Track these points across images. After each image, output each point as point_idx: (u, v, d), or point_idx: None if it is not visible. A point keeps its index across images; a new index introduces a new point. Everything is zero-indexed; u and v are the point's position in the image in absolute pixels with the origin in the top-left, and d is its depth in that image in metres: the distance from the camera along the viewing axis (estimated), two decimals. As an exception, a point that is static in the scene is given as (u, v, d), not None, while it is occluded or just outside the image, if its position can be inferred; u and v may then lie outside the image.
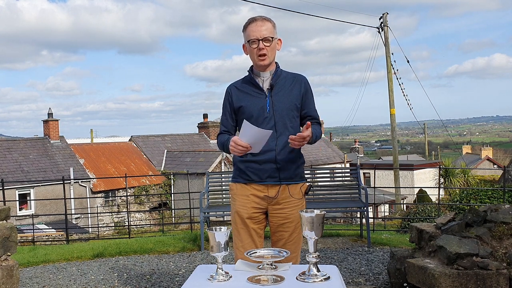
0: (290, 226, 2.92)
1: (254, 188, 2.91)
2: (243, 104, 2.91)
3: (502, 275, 3.45)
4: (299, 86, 2.94)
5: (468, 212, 3.94)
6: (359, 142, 52.12)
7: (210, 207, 6.43)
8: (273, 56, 2.92)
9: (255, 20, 2.88)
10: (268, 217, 2.97)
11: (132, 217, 21.03)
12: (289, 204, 2.91)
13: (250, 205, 2.90)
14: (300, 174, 2.97)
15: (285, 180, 2.90)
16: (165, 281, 4.90)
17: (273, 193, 2.89)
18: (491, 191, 9.10)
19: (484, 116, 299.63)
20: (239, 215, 2.92)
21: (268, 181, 2.88)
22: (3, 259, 3.78)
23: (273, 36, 2.87)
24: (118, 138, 33.23)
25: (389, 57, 20.07)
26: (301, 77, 3.00)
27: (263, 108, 2.87)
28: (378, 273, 4.93)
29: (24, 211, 19.93)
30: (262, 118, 2.86)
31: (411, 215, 12.13)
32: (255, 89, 2.92)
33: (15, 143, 22.13)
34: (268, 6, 19.02)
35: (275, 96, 2.88)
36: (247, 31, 2.89)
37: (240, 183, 2.95)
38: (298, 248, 2.98)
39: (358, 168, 6.78)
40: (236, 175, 2.98)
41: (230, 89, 3.00)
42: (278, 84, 2.91)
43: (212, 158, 22.74)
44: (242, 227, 2.91)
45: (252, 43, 2.85)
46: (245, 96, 2.92)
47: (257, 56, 2.86)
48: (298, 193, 2.95)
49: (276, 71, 2.94)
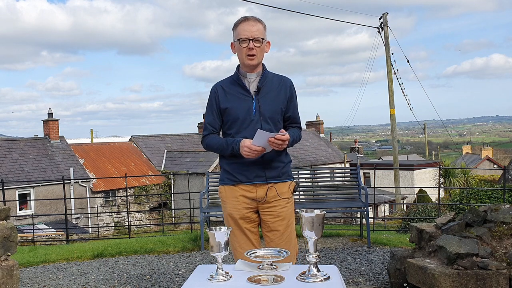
0: (281, 224, 2.93)
1: (242, 189, 2.91)
2: (229, 106, 2.89)
3: (502, 275, 3.45)
4: (285, 90, 2.95)
5: (468, 212, 3.94)
6: (359, 142, 52.10)
7: (210, 207, 6.43)
8: (261, 58, 2.91)
9: (247, 19, 2.87)
10: (260, 216, 2.98)
11: (132, 217, 21.04)
12: (278, 202, 2.93)
13: (240, 206, 2.91)
14: (287, 173, 2.98)
15: (272, 179, 2.91)
16: (165, 281, 4.90)
17: (261, 194, 2.90)
18: (491, 191, 9.09)
19: (484, 116, 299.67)
20: (232, 217, 2.93)
21: (256, 181, 2.89)
22: (3, 259, 3.78)
23: (264, 38, 2.87)
24: (118, 138, 33.24)
25: (389, 57, 20.06)
26: (287, 80, 3.00)
27: (249, 111, 2.86)
28: (378, 273, 4.93)
29: (24, 211, 19.93)
30: (249, 120, 2.86)
31: (411, 215, 12.13)
32: (241, 91, 2.91)
33: (15, 143, 22.13)
34: (268, 6, 19.01)
35: (262, 99, 2.88)
36: (237, 30, 2.87)
37: (228, 185, 2.95)
38: (292, 247, 2.95)
39: (358, 168, 6.78)
40: (223, 178, 2.98)
41: (216, 88, 2.97)
42: (265, 87, 2.90)
43: (212, 158, 22.74)
44: (236, 228, 2.93)
45: (243, 42, 2.84)
46: (231, 98, 2.91)
47: (246, 55, 2.84)
48: (287, 192, 2.97)
49: (263, 73, 2.93)
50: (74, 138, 32.35)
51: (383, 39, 20.15)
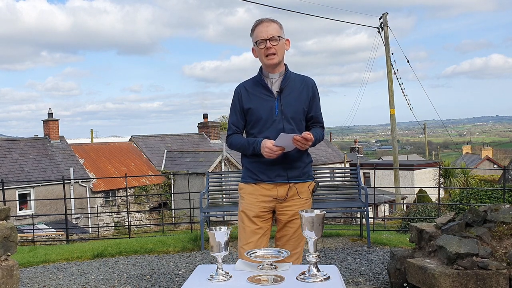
0: (296, 223, 2.95)
1: (263, 188, 2.93)
2: (252, 106, 2.92)
3: (502, 275, 3.45)
4: (307, 90, 2.96)
5: (468, 212, 3.94)
6: (359, 142, 52.06)
7: (210, 207, 6.43)
8: (282, 56, 2.92)
9: (261, 22, 2.89)
10: (276, 215, 3.00)
11: (132, 217, 21.03)
12: (297, 201, 2.95)
13: (258, 204, 2.93)
14: (308, 173, 3.01)
15: (293, 179, 2.93)
16: (165, 281, 4.90)
17: (282, 193, 2.92)
18: (491, 191, 9.08)
19: (484, 116, 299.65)
20: (246, 214, 2.95)
21: (277, 180, 2.91)
22: (3, 259, 3.78)
23: (280, 35, 2.88)
24: (118, 138, 33.24)
25: (389, 57, 20.07)
26: (309, 80, 3.01)
27: (272, 111, 2.88)
28: (378, 273, 4.93)
29: (24, 211, 19.93)
30: (271, 120, 2.88)
31: (411, 215, 12.12)
32: (264, 91, 2.93)
33: (15, 143, 22.12)
34: (268, 6, 19.02)
35: (284, 99, 2.89)
36: (254, 33, 2.91)
37: (249, 183, 2.97)
38: (301, 245, 3.00)
39: (358, 168, 6.78)
40: (245, 176, 3.01)
41: (240, 89, 3.00)
42: (287, 87, 2.92)
43: (212, 158, 22.74)
44: (248, 225, 2.94)
45: (260, 44, 2.86)
46: (254, 98, 2.93)
47: (265, 56, 2.86)
48: (306, 191, 2.99)
49: (285, 73, 2.95)
50: (74, 138, 32.37)
51: (383, 39, 20.15)
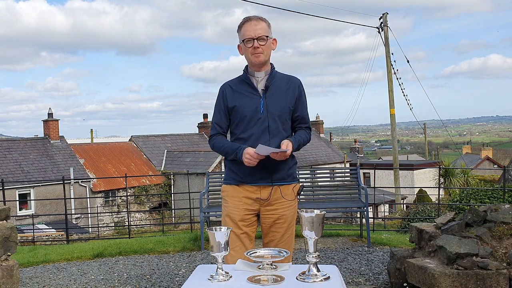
0: (282, 226, 2.91)
1: (246, 190, 2.88)
2: (237, 104, 2.87)
3: (502, 275, 3.45)
4: (294, 89, 2.93)
5: (468, 212, 3.94)
6: (359, 142, 52.05)
7: (210, 207, 6.43)
8: (268, 55, 2.89)
9: (250, 19, 2.85)
10: (260, 218, 2.95)
11: (132, 217, 21.03)
12: (282, 204, 2.90)
13: (242, 207, 2.88)
14: (292, 175, 2.95)
15: (278, 181, 2.88)
16: (165, 281, 4.91)
17: (265, 195, 2.87)
18: (491, 191, 9.08)
19: (484, 116, 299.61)
20: (231, 218, 2.89)
21: (260, 182, 2.86)
22: (3, 259, 3.78)
23: (268, 35, 2.85)
24: (118, 138, 33.25)
25: (389, 57, 20.06)
26: (295, 79, 2.98)
27: (257, 109, 2.84)
28: (378, 273, 4.93)
29: (24, 211, 19.93)
30: (256, 119, 2.84)
31: (411, 215, 12.13)
32: (249, 89, 2.89)
33: (15, 143, 22.13)
34: (267, 6, 19.00)
35: (270, 97, 2.86)
36: (242, 31, 2.87)
37: (232, 184, 2.92)
38: (290, 249, 2.95)
39: (358, 168, 6.78)
40: (228, 177, 2.96)
41: (224, 88, 2.96)
42: (273, 85, 2.89)
43: (212, 158, 22.73)
44: (233, 230, 2.87)
45: (247, 42, 2.83)
46: (239, 96, 2.89)
47: (252, 54, 2.83)
48: (291, 194, 2.93)
49: (271, 72, 2.92)
50: (74, 138, 32.37)
51: (383, 39, 20.14)
